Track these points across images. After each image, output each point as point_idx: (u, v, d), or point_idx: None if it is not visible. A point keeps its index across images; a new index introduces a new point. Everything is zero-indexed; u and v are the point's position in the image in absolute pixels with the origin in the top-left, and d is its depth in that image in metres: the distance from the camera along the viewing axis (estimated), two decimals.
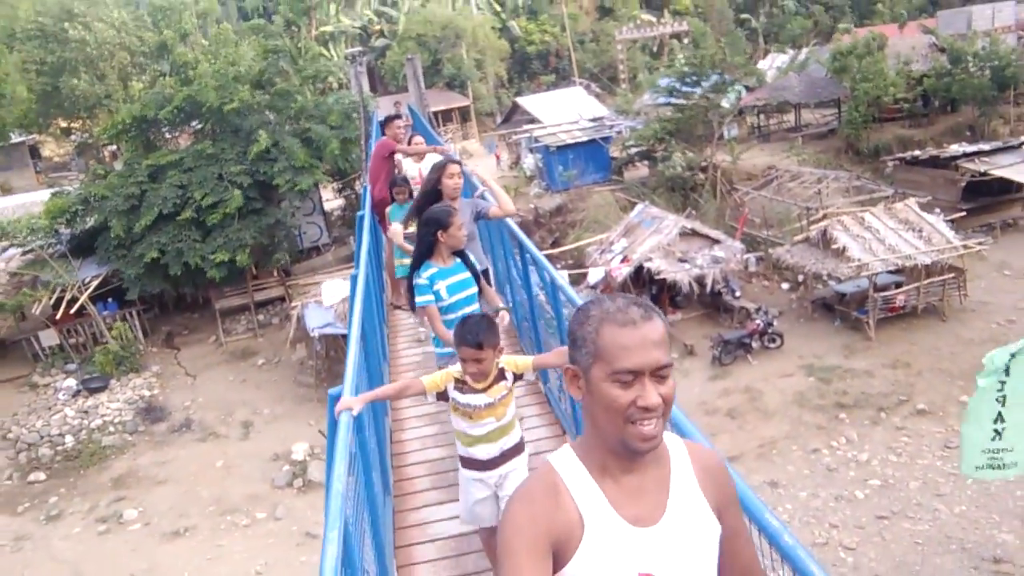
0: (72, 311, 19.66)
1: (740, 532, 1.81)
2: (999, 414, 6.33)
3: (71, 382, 19.18)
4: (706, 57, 25.63)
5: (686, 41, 40.71)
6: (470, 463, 3.79)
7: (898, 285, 18.37)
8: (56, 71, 33.60)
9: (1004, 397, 6.56)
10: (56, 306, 19.53)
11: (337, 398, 3.30)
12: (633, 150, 26.65)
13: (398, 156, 9.14)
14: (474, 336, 3.53)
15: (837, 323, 18.65)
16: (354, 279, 5.52)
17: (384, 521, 4.04)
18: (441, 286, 4.58)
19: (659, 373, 1.62)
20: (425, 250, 4.63)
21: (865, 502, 13.37)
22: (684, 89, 24.57)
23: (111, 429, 17.82)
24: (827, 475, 14.12)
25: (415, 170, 8.83)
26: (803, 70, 30.30)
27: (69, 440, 17.50)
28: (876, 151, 27.08)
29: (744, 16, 50.13)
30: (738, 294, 19.24)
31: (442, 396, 3.71)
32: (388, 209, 7.87)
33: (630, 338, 1.60)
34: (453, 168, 5.84)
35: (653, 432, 1.60)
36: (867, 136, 27.46)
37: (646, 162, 26.51)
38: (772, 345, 17.75)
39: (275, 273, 22.39)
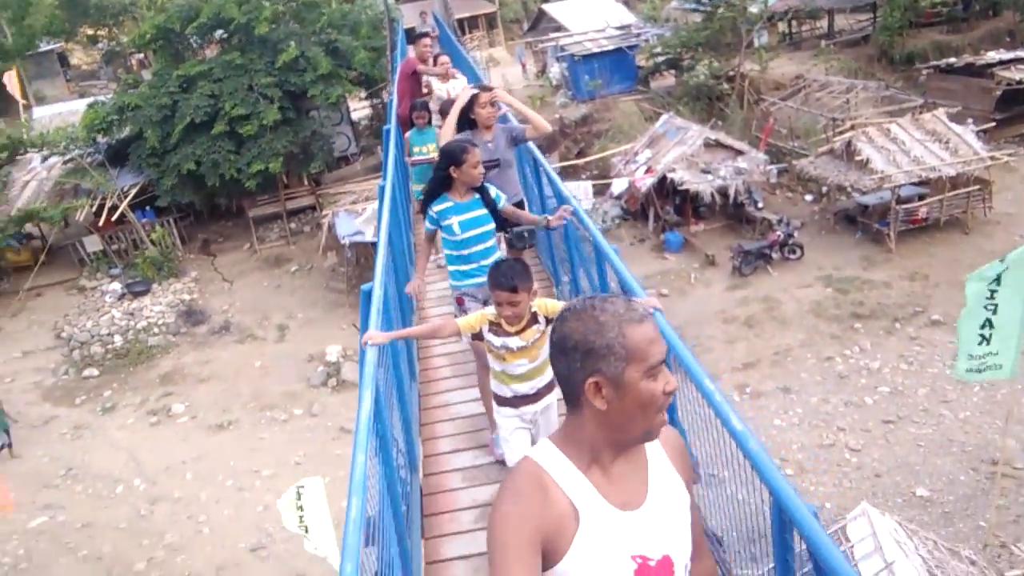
0: (113, 218, 20.44)
1: (696, 505, 1.91)
2: (987, 320, 6.73)
3: (116, 285, 20.11)
4: None
5: None
6: (505, 401, 3.88)
7: (921, 197, 18.41)
8: None
9: (996, 306, 6.97)
10: (98, 213, 20.31)
11: (369, 294, 3.81)
12: (660, 59, 26.33)
13: (425, 77, 9.26)
14: (509, 280, 3.54)
15: (858, 235, 18.82)
16: (382, 189, 5.94)
17: (411, 400, 4.65)
18: (454, 221, 4.52)
19: None
20: (439, 184, 4.58)
21: (873, 407, 13.91)
22: None
23: (155, 330, 18.79)
24: (838, 382, 14.65)
25: (443, 91, 8.71)
26: None
27: (118, 340, 18.52)
28: (910, 58, 26.43)
29: None
30: (760, 205, 19.41)
31: (477, 337, 3.79)
32: (408, 134, 7.84)
33: (650, 331, 1.64)
34: (485, 96, 5.57)
35: (665, 415, 1.69)
36: (902, 43, 26.76)
37: (673, 71, 26.22)
38: (792, 256, 18.03)
39: (306, 182, 22.90)
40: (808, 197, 20.95)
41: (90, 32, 39.52)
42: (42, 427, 16.27)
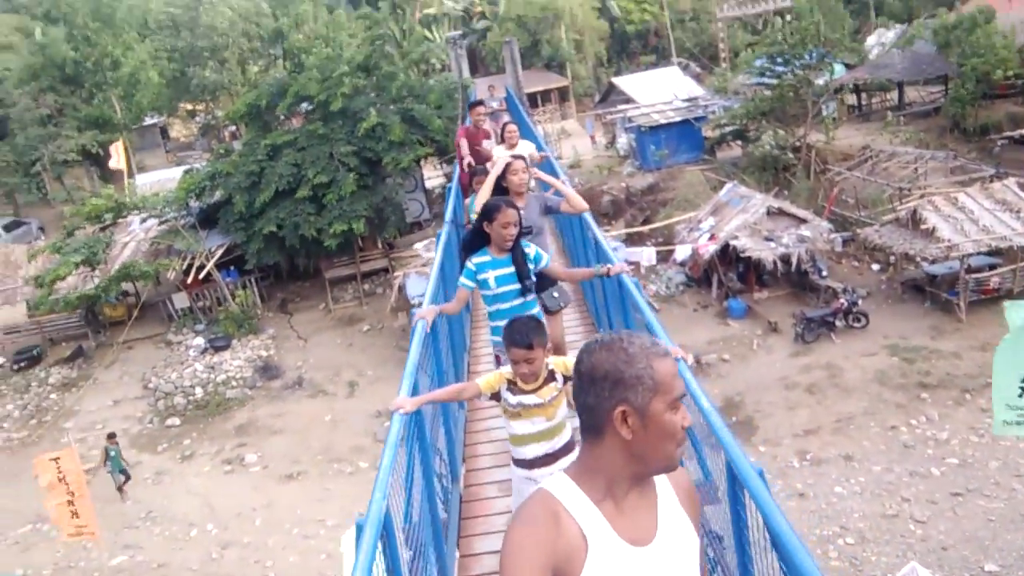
0: (200, 277, 21.81)
1: (702, 546, 1.96)
2: None
3: (199, 340, 21.32)
4: (808, 32, 25.45)
5: (789, 18, 40.06)
6: (521, 463, 3.87)
7: (993, 267, 18.16)
8: (184, 58, 36.45)
9: None
10: (187, 272, 21.72)
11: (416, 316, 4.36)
12: (726, 129, 26.86)
13: (488, 143, 9.30)
14: (524, 337, 3.58)
15: (927, 305, 18.60)
16: (439, 236, 6.54)
17: (457, 423, 5.14)
18: (490, 275, 4.67)
19: None
20: (475, 236, 4.78)
21: (940, 479, 13.61)
22: (776, 68, 24.58)
23: (233, 384, 19.75)
24: (903, 451, 14.40)
25: (508, 157, 9.07)
26: (908, 46, 29.50)
27: (199, 392, 19.54)
28: (984, 130, 26.25)
29: None
30: (825, 274, 19.43)
31: (495, 397, 3.83)
32: (467, 201, 7.99)
33: (674, 367, 1.73)
34: (517, 164, 5.93)
35: (683, 450, 1.77)
36: (975, 114, 26.60)
37: (739, 142, 26.68)
38: (857, 325, 17.92)
39: (380, 246, 23.98)
40: (875, 267, 20.85)
41: (189, 107, 42.65)
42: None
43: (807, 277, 19.39)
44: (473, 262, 4.70)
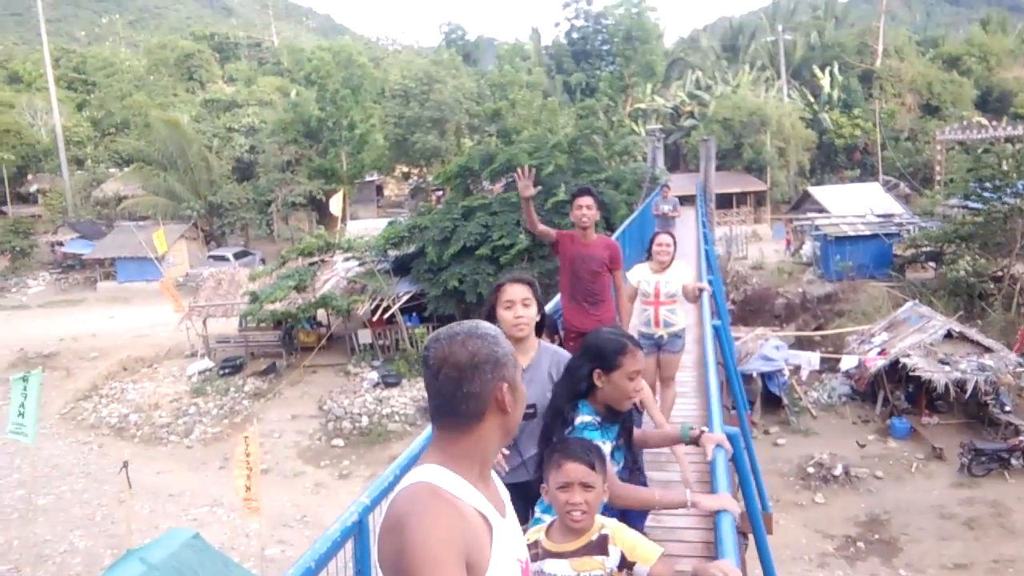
0: (385, 318, 23.95)
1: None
2: None
3: (374, 375, 23.31)
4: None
5: (1019, 147, 37.84)
6: None
7: None
8: (409, 125, 40.52)
9: None
10: (374, 312, 23.95)
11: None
12: (921, 249, 25.87)
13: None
14: (585, 453, 2.57)
15: None
16: None
17: None
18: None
19: None
20: (582, 386, 3.10)
21: None
22: (984, 194, 23.55)
23: (396, 418, 21.38)
24: None
25: (650, 284, 6.53)
26: None
27: (364, 420, 21.31)
28: None
29: None
30: (1008, 408, 18.13)
31: None
32: None
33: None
34: (512, 292, 3.53)
35: None
36: None
37: (932, 264, 25.57)
38: None
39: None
40: None
41: (404, 170, 47.00)
42: (292, 478, 19.10)
43: (987, 409, 18.20)
44: (581, 417, 3.08)
